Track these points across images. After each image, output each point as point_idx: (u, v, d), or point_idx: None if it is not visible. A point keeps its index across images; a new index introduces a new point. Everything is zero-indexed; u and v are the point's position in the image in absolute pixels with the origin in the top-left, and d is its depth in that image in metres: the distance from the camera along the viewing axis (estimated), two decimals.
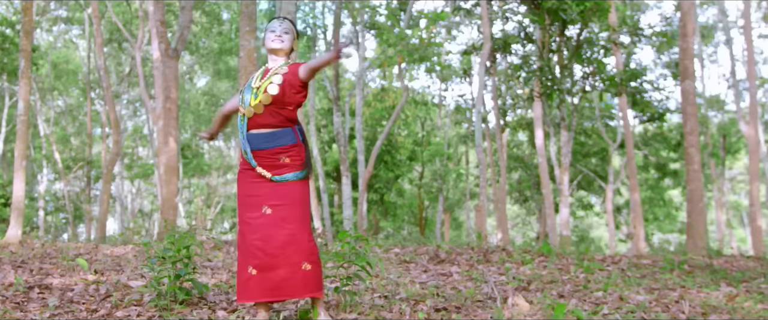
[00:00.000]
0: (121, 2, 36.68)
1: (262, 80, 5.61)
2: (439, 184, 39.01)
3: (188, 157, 47.20)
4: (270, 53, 5.76)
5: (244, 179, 5.67)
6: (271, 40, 5.71)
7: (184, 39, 18.72)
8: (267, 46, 5.75)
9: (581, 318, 5.87)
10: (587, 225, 60.62)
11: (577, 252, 11.82)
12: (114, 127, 28.74)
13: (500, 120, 29.93)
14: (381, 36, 27.28)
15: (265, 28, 5.78)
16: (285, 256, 5.40)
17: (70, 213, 43.23)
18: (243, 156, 5.66)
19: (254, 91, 5.60)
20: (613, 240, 33.93)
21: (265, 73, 5.71)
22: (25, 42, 16.05)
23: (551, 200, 25.01)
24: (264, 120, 5.57)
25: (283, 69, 5.61)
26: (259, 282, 5.44)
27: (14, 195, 15.05)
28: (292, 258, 5.39)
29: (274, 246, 5.41)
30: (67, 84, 45.62)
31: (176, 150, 18.41)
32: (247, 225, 5.57)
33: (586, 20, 22.18)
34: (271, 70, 5.67)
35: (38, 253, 11.22)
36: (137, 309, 6.26)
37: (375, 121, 37.04)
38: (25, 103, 15.54)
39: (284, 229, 5.43)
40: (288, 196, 5.49)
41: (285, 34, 5.73)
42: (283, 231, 5.43)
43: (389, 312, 6.10)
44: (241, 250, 5.58)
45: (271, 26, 5.75)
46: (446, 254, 11.15)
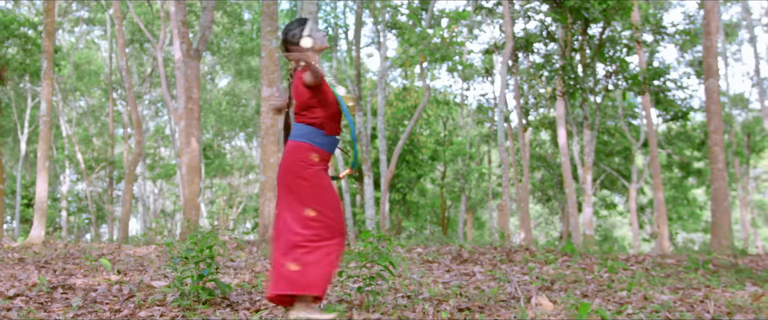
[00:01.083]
0: (142, 3, 36.78)
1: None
2: (461, 184, 38.95)
3: (210, 158, 47.31)
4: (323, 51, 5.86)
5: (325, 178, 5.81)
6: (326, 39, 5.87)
7: (205, 39, 18.75)
8: (327, 46, 5.87)
9: (605, 318, 5.82)
10: (610, 224, 60.44)
11: (600, 251, 11.78)
12: (136, 128, 28.83)
13: (522, 119, 29.84)
14: (402, 35, 27.24)
15: (313, 29, 5.78)
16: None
17: (93, 213, 43.39)
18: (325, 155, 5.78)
19: None
20: (636, 240, 33.77)
21: None
22: (48, 43, 16.10)
23: (574, 199, 24.90)
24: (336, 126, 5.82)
25: None
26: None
27: (37, 195, 15.10)
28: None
29: None
30: (89, 85, 45.79)
31: (198, 150, 18.45)
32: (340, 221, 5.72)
33: (609, 18, 22.09)
34: None
35: (61, 254, 11.26)
36: (160, 309, 6.26)
37: (397, 120, 36.99)
38: (48, 104, 15.59)
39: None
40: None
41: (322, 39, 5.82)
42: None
43: (412, 312, 6.08)
44: None
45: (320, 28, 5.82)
46: (469, 254, 11.12)
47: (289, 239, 5.48)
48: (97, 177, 46.90)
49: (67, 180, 43.75)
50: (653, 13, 27.67)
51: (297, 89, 5.63)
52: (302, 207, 5.50)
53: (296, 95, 5.66)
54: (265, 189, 14.36)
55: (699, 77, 34.31)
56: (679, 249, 23.00)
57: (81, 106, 48.74)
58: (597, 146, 33.38)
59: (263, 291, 7.14)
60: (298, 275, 5.40)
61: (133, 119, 29.28)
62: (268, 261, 10.39)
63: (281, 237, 5.52)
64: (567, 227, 33.70)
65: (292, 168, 5.60)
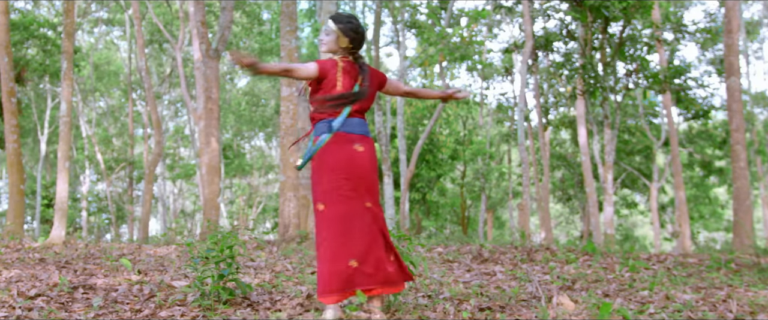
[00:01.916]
0: (161, 3, 36.88)
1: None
2: (481, 183, 38.90)
3: (230, 158, 47.39)
4: None
5: None
6: None
7: (224, 39, 18.77)
8: None
9: (627, 318, 5.79)
10: (631, 223, 60.28)
11: (621, 250, 11.72)
12: (155, 128, 28.91)
13: (542, 118, 29.78)
14: (422, 35, 27.21)
15: None
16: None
17: (113, 213, 43.55)
18: None
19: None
20: (658, 239, 33.66)
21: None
22: (67, 43, 16.14)
23: (595, 198, 24.83)
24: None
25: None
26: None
27: (58, 196, 15.14)
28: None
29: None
30: (108, 85, 45.97)
31: (218, 150, 18.48)
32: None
33: (629, 17, 22.01)
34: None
35: (82, 254, 11.29)
36: (181, 309, 6.27)
37: (416, 120, 36.96)
38: (68, 105, 15.63)
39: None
40: None
41: (326, 35, 5.78)
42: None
43: (433, 312, 6.06)
44: None
45: None
46: (490, 253, 11.09)
47: (386, 235, 5.58)
48: (117, 178, 47.06)
49: (87, 181, 43.92)
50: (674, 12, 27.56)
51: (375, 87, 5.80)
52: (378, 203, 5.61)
53: (374, 91, 5.78)
54: (285, 189, 14.35)
55: (720, 75, 34.14)
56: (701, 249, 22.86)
57: (101, 106, 48.93)
58: (618, 145, 33.26)
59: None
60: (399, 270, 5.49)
61: (152, 119, 29.37)
62: (288, 261, 10.38)
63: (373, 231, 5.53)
64: (588, 226, 33.60)
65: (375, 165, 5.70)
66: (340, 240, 5.44)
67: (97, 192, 50.85)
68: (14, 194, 17.22)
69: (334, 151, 5.56)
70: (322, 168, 5.56)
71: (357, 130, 5.63)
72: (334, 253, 5.43)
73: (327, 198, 5.52)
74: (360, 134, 5.64)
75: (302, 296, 6.87)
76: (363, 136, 5.66)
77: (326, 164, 5.56)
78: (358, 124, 5.67)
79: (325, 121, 5.62)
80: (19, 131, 17.48)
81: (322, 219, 5.51)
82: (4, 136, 17.86)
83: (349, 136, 5.59)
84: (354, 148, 5.57)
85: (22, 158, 18.67)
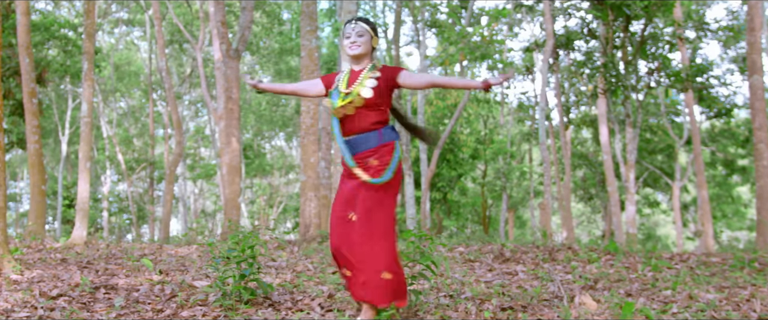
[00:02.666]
0: (181, 4, 36.97)
1: (354, 85, 5.59)
2: (502, 182, 38.82)
3: (250, 157, 47.45)
4: (352, 58, 5.73)
5: (341, 182, 5.69)
6: (349, 48, 5.69)
7: (245, 39, 18.79)
8: (347, 54, 5.73)
9: (650, 317, 5.76)
10: (653, 223, 60.05)
11: (644, 250, 11.66)
12: (176, 128, 28.96)
13: (564, 117, 29.66)
14: (442, 34, 27.15)
15: (341, 34, 5.77)
16: (364, 264, 5.35)
17: (134, 213, 43.69)
18: (343, 159, 5.64)
19: (343, 95, 5.60)
20: (680, 238, 33.51)
21: (351, 77, 5.68)
22: (88, 44, 16.17)
23: (617, 198, 24.74)
24: (354, 124, 5.60)
25: (374, 72, 5.59)
26: (351, 283, 5.47)
27: (79, 196, 15.17)
28: (371, 267, 5.33)
29: (355, 255, 5.38)
30: (129, 85, 46.14)
31: (239, 150, 18.50)
32: (333, 229, 5.54)
33: (651, 15, 21.91)
34: (361, 74, 5.65)
35: (103, 254, 11.31)
36: (202, 308, 6.29)
37: (437, 119, 36.92)
38: (89, 105, 15.66)
39: (363, 239, 5.38)
40: (370, 203, 5.44)
41: (359, 37, 5.66)
42: (362, 241, 5.38)
43: (455, 312, 6.05)
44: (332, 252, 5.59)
45: (346, 32, 5.71)
46: (511, 253, 11.05)
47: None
48: (138, 178, 47.18)
49: (108, 181, 44.08)
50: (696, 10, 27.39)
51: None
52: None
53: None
54: (306, 189, 14.36)
55: (743, 74, 33.93)
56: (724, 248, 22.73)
57: (121, 106, 49.11)
58: (639, 144, 33.12)
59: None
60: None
61: (173, 119, 29.43)
62: (309, 261, 10.38)
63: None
64: (609, 225, 33.48)
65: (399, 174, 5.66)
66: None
67: (118, 193, 51.04)
68: (36, 194, 17.28)
69: None
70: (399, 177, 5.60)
71: None
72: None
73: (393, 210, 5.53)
74: None
75: (324, 296, 6.86)
76: None
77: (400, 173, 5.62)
78: None
79: (391, 127, 5.63)
80: (40, 132, 17.53)
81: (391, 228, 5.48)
82: (26, 136, 17.92)
83: None
84: None
85: (44, 159, 18.73)
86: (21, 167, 54.62)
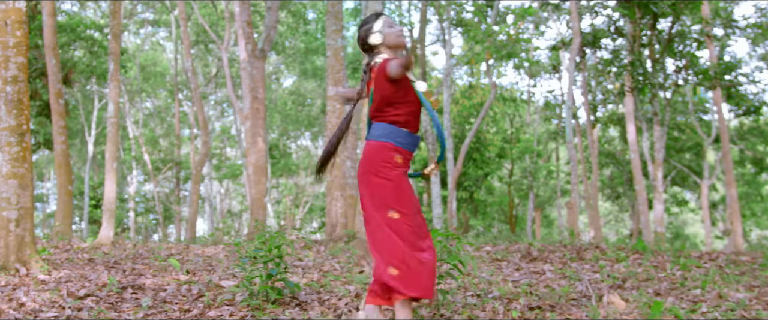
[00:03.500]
0: (207, 4, 37.08)
1: None
2: (529, 181, 38.72)
3: (276, 157, 47.54)
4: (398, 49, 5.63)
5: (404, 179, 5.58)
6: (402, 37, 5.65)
7: (270, 39, 18.80)
8: (403, 44, 5.65)
9: (679, 317, 5.71)
10: (681, 221, 59.79)
11: (672, 249, 11.59)
12: (202, 128, 29.03)
13: (591, 115, 29.56)
14: (468, 33, 27.09)
15: (386, 24, 5.61)
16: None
17: (160, 213, 43.86)
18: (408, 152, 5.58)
19: None
20: (709, 237, 33.32)
21: None
22: (114, 45, 16.24)
23: (644, 196, 24.61)
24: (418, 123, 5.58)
25: None
26: None
27: (106, 196, 15.23)
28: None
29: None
30: (154, 86, 46.33)
31: (265, 150, 18.51)
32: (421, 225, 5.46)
33: (678, 13, 21.80)
34: None
35: (130, 254, 11.35)
36: (229, 308, 6.29)
37: (463, 118, 36.89)
38: (115, 106, 15.72)
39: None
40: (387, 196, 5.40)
41: (390, 28, 5.59)
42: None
43: (482, 311, 6.02)
44: None
45: (394, 22, 5.64)
46: (538, 252, 11.02)
47: (385, 242, 5.33)
48: (164, 178, 47.38)
49: (134, 181, 44.25)
50: (723, 7, 27.17)
51: (380, 84, 5.41)
52: (386, 209, 5.32)
53: (378, 90, 5.43)
54: (332, 188, 14.35)
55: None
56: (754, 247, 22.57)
57: (147, 107, 49.31)
58: (667, 142, 32.95)
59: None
60: (400, 279, 5.30)
61: (199, 120, 29.49)
62: (336, 261, 10.38)
63: (376, 239, 5.34)
64: (637, 224, 33.35)
65: (374, 170, 5.38)
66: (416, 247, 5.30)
67: (145, 193, 51.26)
68: (63, 195, 17.36)
69: None
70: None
71: None
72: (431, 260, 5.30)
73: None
74: None
75: (351, 295, 6.85)
76: None
77: None
78: None
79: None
80: (66, 132, 17.62)
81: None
82: (53, 137, 18.02)
83: None
84: None
85: (70, 159, 18.81)
86: (48, 168, 54.95)
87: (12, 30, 8.39)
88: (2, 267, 8.12)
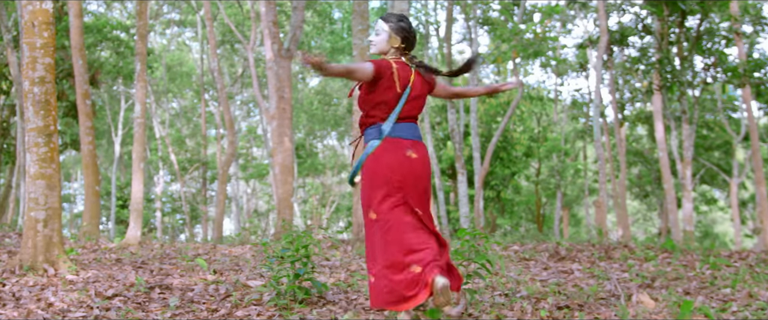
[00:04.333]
0: (233, 4, 37.20)
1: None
2: (556, 180, 38.61)
3: (302, 157, 47.64)
4: None
5: None
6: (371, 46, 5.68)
7: (296, 39, 18.80)
8: None
9: (709, 316, 5.66)
10: (711, 220, 59.48)
11: (701, 247, 11.51)
12: (228, 128, 29.11)
13: (618, 114, 29.43)
14: (494, 31, 27.02)
15: None
16: None
17: (187, 213, 44.07)
18: None
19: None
20: (738, 236, 33.14)
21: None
22: (141, 45, 16.29)
23: (673, 195, 24.49)
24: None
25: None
26: None
27: (133, 196, 15.27)
28: None
29: None
30: (181, 86, 46.55)
31: (291, 149, 18.52)
32: None
33: (706, 10, 21.67)
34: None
35: (158, 254, 11.38)
36: (257, 308, 6.29)
37: (490, 117, 36.84)
38: (142, 106, 15.77)
39: None
40: None
41: (376, 35, 5.61)
42: None
43: (510, 310, 6.00)
44: None
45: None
46: (566, 251, 10.98)
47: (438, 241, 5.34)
48: (191, 178, 47.59)
49: (161, 181, 44.46)
50: (752, 4, 27.00)
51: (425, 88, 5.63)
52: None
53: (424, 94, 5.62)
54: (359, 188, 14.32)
55: None
56: None
57: (173, 107, 49.53)
58: (696, 140, 32.78)
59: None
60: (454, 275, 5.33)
61: (225, 119, 29.59)
62: (363, 260, 10.36)
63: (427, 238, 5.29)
64: (666, 223, 33.19)
65: (429, 171, 5.51)
66: (396, 248, 5.23)
67: (171, 193, 51.52)
68: (90, 195, 17.42)
69: (385, 158, 5.37)
70: (375, 177, 5.38)
71: (408, 135, 5.45)
72: (392, 262, 5.22)
73: (380, 207, 5.34)
74: (412, 139, 5.45)
75: None
76: (415, 141, 5.47)
77: (378, 172, 5.37)
78: (409, 129, 5.48)
79: (375, 126, 5.46)
80: (93, 133, 17.68)
81: (376, 229, 5.34)
82: (80, 137, 18.09)
83: (401, 142, 5.40)
84: (406, 155, 5.37)
85: (97, 159, 18.89)
86: (75, 168, 55.29)
87: (39, 31, 8.42)
88: (31, 268, 8.16)
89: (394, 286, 5.15)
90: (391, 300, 5.17)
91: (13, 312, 6.17)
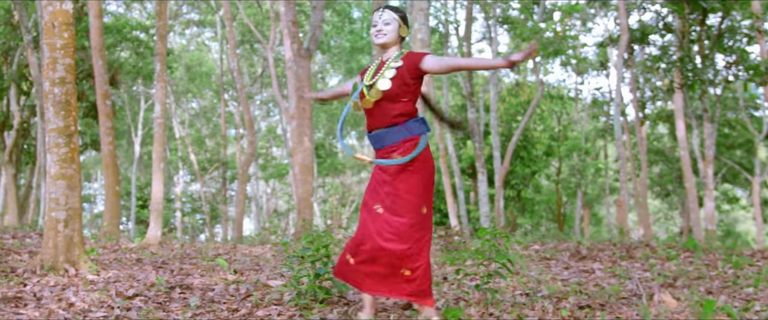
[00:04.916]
0: (252, 4, 37.24)
1: (376, 76, 5.52)
2: (577, 179, 38.49)
3: (322, 157, 47.65)
4: (380, 48, 5.64)
5: (372, 173, 5.58)
6: (374, 36, 5.60)
7: (316, 38, 18.80)
8: (374, 43, 5.64)
9: (732, 315, 5.62)
10: (733, 219, 59.20)
11: (723, 246, 11.45)
12: (248, 128, 29.14)
13: (639, 112, 29.30)
14: (514, 30, 26.98)
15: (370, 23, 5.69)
16: (383, 259, 5.29)
17: (207, 213, 44.17)
18: None
19: (366, 88, 5.52)
20: (761, 235, 32.92)
21: (379, 66, 5.60)
22: (160, 45, 16.30)
23: (695, 194, 24.36)
24: (376, 120, 5.52)
25: (396, 62, 5.47)
26: (355, 269, 5.48)
27: (153, 196, 15.29)
28: (390, 261, 5.28)
29: (375, 248, 5.32)
30: (200, 86, 46.67)
31: (311, 149, 18.51)
32: (362, 218, 5.49)
33: (728, 8, 21.57)
34: (385, 63, 5.56)
35: (178, 254, 11.39)
36: (278, 308, 6.29)
37: (510, 116, 36.76)
38: (162, 106, 15.78)
39: (384, 233, 5.31)
40: (393, 196, 5.36)
41: (386, 25, 5.55)
42: (383, 236, 5.31)
43: (531, 310, 5.97)
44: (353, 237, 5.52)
45: (372, 20, 5.63)
46: (587, 250, 10.94)
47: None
48: (211, 178, 47.69)
49: (180, 181, 44.57)
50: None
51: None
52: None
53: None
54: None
55: None
56: None
57: (193, 107, 49.66)
58: (718, 139, 32.61)
59: None
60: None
61: (245, 119, 29.61)
62: None
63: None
64: (687, 222, 33.04)
65: None
66: None
67: (191, 193, 51.65)
68: (110, 195, 17.46)
69: None
70: (432, 172, 5.45)
71: None
72: None
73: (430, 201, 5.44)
74: None
75: None
76: None
77: (433, 167, 5.47)
78: None
79: (421, 119, 5.49)
80: (113, 133, 17.72)
81: (427, 224, 5.40)
82: (100, 138, 18.12)
83: None
84: None
85: (117, 160, 18.92)
86: (95, 168, 55.54)
87: (59, 32, 8.43)
88: (51, 268, 8.17)
89: None
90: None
91: (35, 312, 6.19)
